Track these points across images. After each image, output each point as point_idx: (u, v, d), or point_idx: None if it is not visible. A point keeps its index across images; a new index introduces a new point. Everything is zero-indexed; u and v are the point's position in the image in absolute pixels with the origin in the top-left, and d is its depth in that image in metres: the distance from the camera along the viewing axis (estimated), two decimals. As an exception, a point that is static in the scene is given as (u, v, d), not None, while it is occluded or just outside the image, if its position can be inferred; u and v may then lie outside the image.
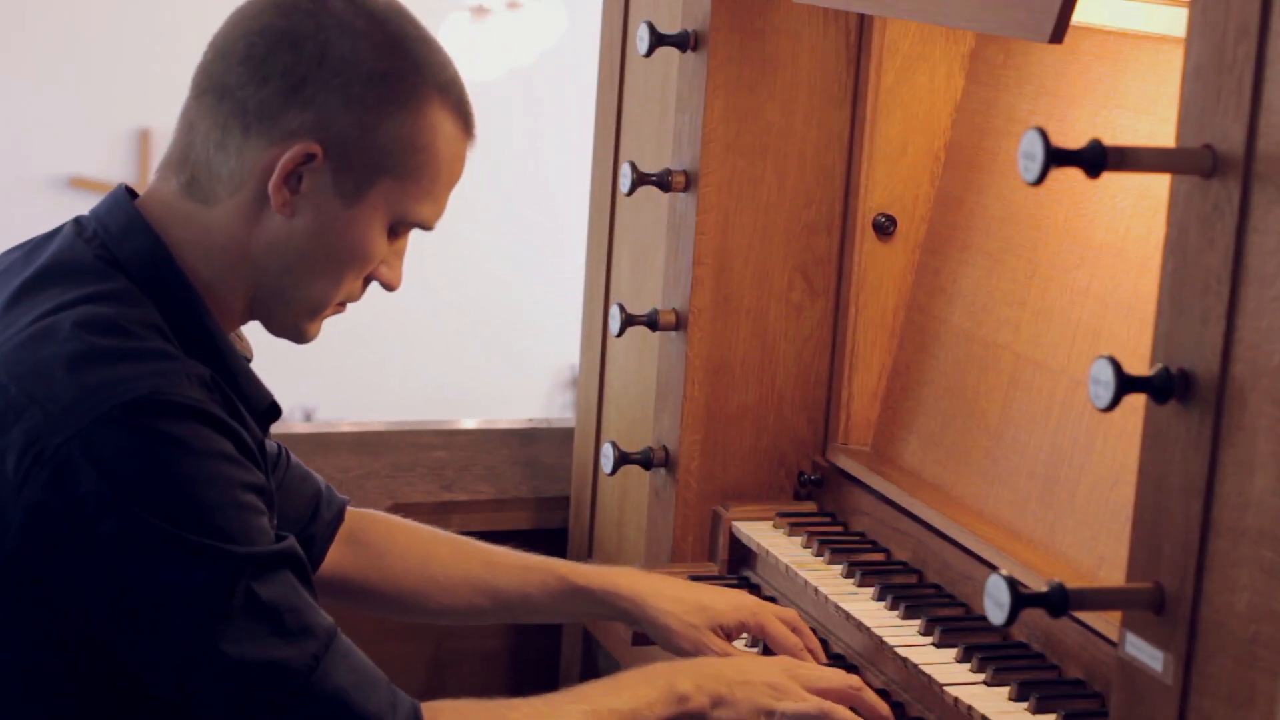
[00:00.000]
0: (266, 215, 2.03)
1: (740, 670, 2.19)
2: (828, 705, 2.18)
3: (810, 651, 2.41)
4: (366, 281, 2.11)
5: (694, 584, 2.50)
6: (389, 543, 2.46)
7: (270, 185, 2.01)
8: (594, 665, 3.22)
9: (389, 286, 2.13)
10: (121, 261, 2.01)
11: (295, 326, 2.11)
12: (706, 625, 2.37)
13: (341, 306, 2.12)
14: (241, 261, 2.05)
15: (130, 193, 2.08)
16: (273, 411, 2.11)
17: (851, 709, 2.20)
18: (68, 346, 1.91)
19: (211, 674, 1.91)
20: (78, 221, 2.08)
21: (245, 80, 2.01)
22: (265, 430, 2.11)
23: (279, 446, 2.35)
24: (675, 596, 2.40)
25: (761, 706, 2.15)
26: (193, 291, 2.02)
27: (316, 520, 2.41)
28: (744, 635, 2.44)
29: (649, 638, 2.43)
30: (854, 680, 2.23)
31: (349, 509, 2.48)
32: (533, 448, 3.40)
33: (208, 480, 1.90)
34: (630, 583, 2.42)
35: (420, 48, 2.05)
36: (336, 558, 2.44)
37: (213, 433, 1.91)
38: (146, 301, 1.99)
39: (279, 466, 2.34)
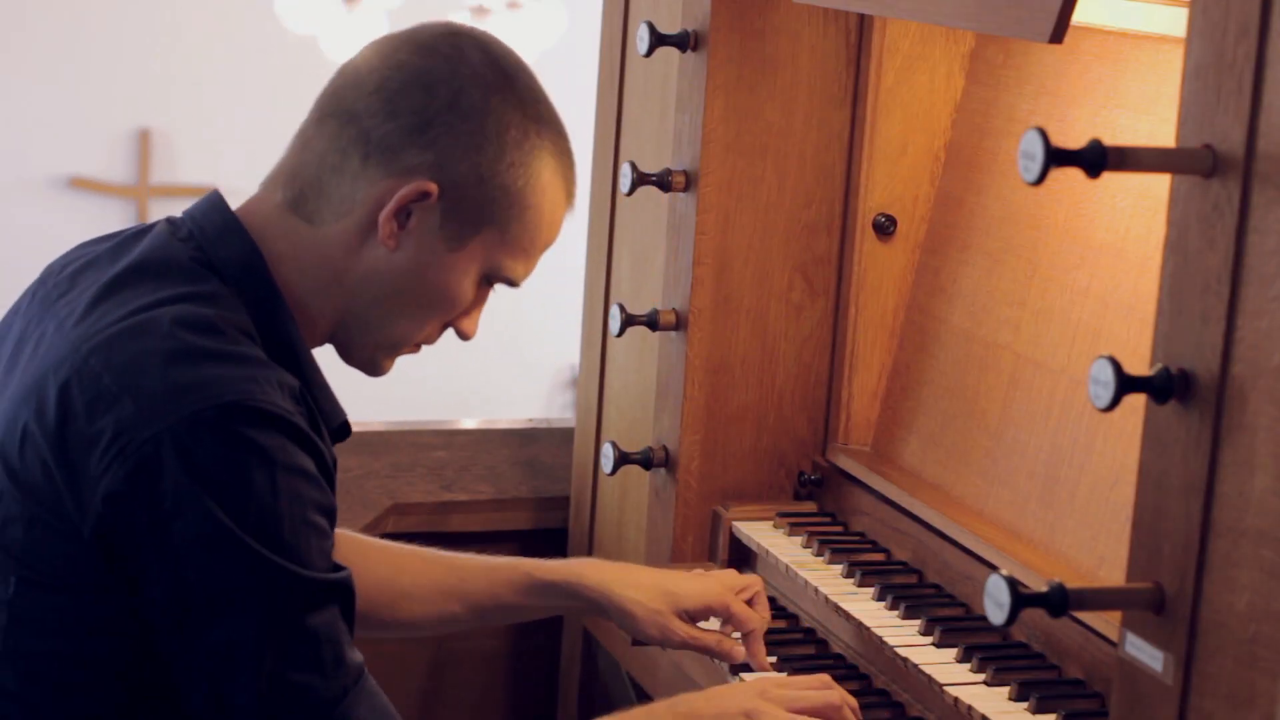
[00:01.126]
0: (370, 245, 2.05)
1: (715, 705, 2.18)
2: None
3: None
4: (444, 327, 2.14)
5: (660, 570, 2.51)
6: (358, 559, 2.46)
7: (381, 215, 2.03)
8: (594, 665, 3.22)
9: (464, 336, 2.17)
10: (216, 264, 2.03)
11: (373, 359, 2.15)
12: (671, 610, 2.38)
13: (417, 348, 2.16)
14: (336, 284, 2.07)
15: (222, 198, 2.11)
16: (343, 431, 2.13)
17: None
18: (165, 343, 1.92)
19: (244, 687, 1.91)
20: (171, 221, 2.09)
21: (374, 111, 2.04)
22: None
23: None
24: (639, 583, 2.41)
25: None
26: (283, 303, 2.05)
27: None
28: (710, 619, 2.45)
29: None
30: (833, 698, 2.21)
31: None
32: (533, 448, 3.40)
33: (287, 495, 1.90)
34: (595, 573, 2.43)
35: (544, 110, 2.11)
36: None
37: (297, 448, 1.93)
38: (238, 305, 2.01)
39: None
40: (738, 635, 2.40)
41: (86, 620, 1.93)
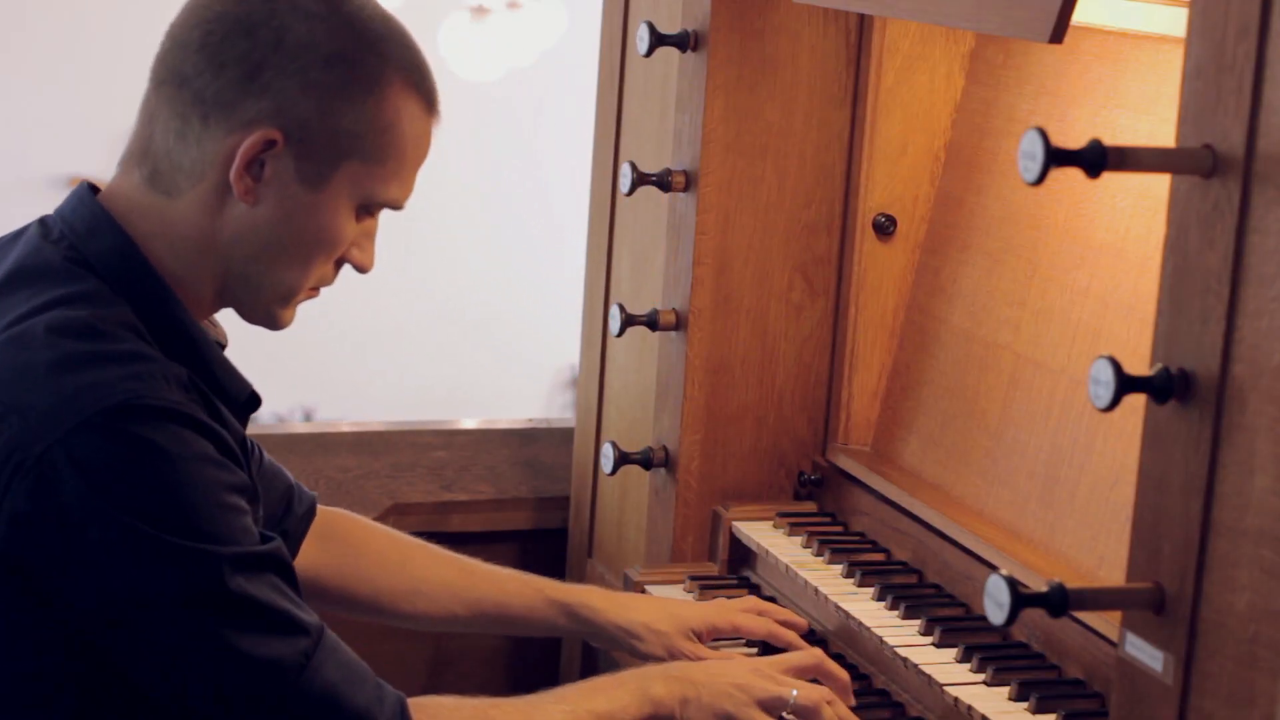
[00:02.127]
0: (230, 204, 2.01)
1: (709, 672, 2.22)
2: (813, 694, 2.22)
3: (786, 625, 2.46)
4: (338, 265, 2.09)
5: (664, 599, 2.54)
6: (366, 544, 2.46)
7: (231, 173, 1.99)
8: (594, 666, 3.21)
9: (361, 268, 2.12)
10: (90, 261, 2.00)
11: (268, 313, 2.10)
12: (677, 630, 2.41)
13: (315, 291, 2.11)
14: (208, 251, 2.03)
15: (93, 189, 2.07)
16: (253, 401, 2.10)
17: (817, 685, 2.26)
18: (43, 353, 1.90)
19: (203, 675, 1.91)
20: (42, 222, 2.07)
21: (202, 68, 2.00)
22: (245, 421, 2.11)
23: (251, 442, 2.31)
24: (646, 610, 2.44)
25: (726, 710, 2.18)
26: (163, 286, 2.01)
27: (289, 516, 2.40)
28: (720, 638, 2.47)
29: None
30: (816, 652, 2.30)
31: (320, 507, 2.47)
32: (533, 448, 3.40)
33: (190, 484, 1.89)
34: (604, 601, 2.46)
35: (379, 28, 2.04)
36: (311, 555, 2.44)
37: (193, 435, 1.91)
38: (119, 300, 1.98)
39: (252, 462, 2.34)
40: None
41: (8, 637, 1.91)
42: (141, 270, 2.01)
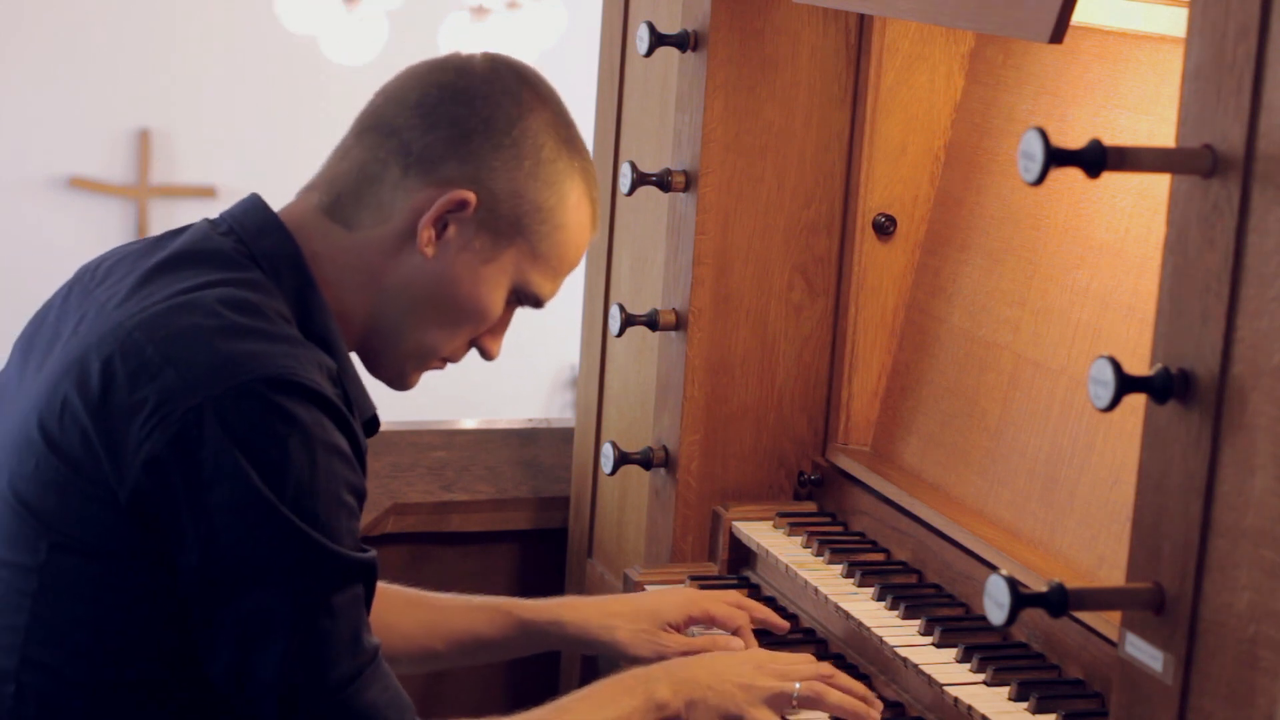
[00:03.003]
0: (407, 252, 2.10)
1: (713, 672, 2.24)
2: (817, 688, 2.23)
3: (764, 622, 2.48)
4: (471, 343, 2.18)
5: (632, 595, 2.55)
6: None
7: (421, 222, 2.08)
8: (594, 665, 3.22)
9: (488, 356, 2.21)
10: (257, 256, 2.07)
11: (401, 370, 2.18)
12: (656, 626, 2.43)
13: (443, 363, 2.19)
14: (371, 288, 2.11)
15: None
16: (372, 424, 2.15)
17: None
18: (210, 319, 1.96)
19: (269, 658, 1.94)
20: (209, 220, 2.14)
21: (414, 124, 2.09)
22: None
23: None
24: (618, 612, 2.45)
25: (731, 709, 2.21)
26: (320, 296, 2.08)
27: None
28: (695, 627, 2.48)
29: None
30: (824, 668, 2.28)
31: None
32: (533, 448, 3.40)
33: (322, 471, 1.94)
34: (574, 614, 2.46)
35: (574, 135, 2.16)
36: None
37: (333, 425, 1.96)
38: (278, 294, 2.05)
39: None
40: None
41: (117, 588, 1.96)
42: (303, 276, 2.08)
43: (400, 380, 2.19)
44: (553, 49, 7.32)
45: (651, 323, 2.79)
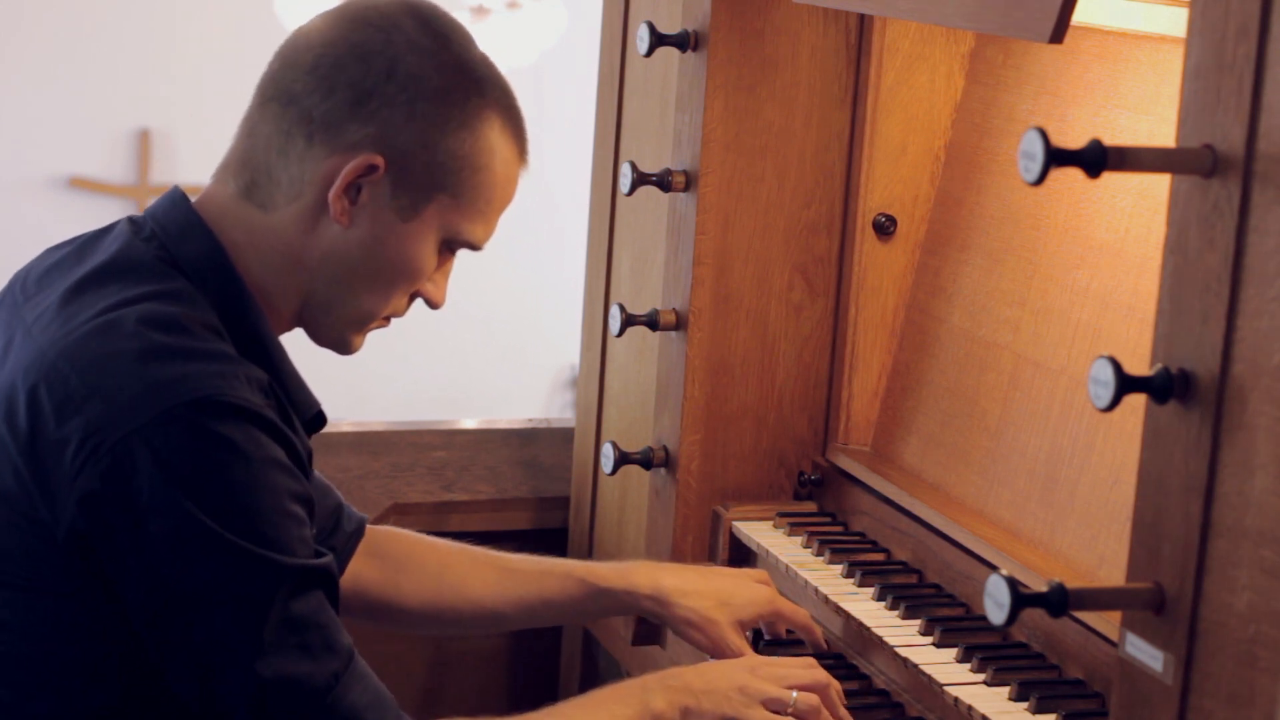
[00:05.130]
0: (324, 224, 2.06)
1: (708, 679, 2.21)
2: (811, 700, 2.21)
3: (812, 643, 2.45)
4: (412, 298, 2.14)
5: (711, 572, 2.52)
6: (410, 558, 2.47)
7: (331, 194, 2.03)
8: (594, 665, 3.22)
9: (433, 304, 2.16)
10: (180, 262, 2.03)
11: (341, 337, 2.14)
12: (729, 622, 2.41)
13: (386, 321, 2.15)
14: (296, 268, 2.07)
15: (184, 194, 2.11)
16: (318, 420, 2.13)
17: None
18: (132, 342, 1.92)
19: (235, 680, 1.92)
20: (133, 221, 2.10)
21: (312, 89, 2.04)
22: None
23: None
24: (696, 591, 2.42)
25: (729, 713, 2.19)
26: (248, 294, 2.05)
27: (338, 533, 2.41)
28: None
29: (663, 632, 2.45)
30: (821, 677, 2.25)
31: (369, 525, 2.49)
32: (533, 448, 3.40)
33: (261, 486, 1.91)
34: (650, 580, 2.44)
35: (484, 70, 2.10)
36: (358, 572, 2.45)
37: (268, 439, 1.93)
38: (204, 303, 2.01)
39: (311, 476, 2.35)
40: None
41: (66, 623, 1.93)
42: (228, 277, 2.04)
43: (344, 347, 2.15)
44: (553, 49, 7.33)
45: (651, 323, 2.79)
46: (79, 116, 8.56)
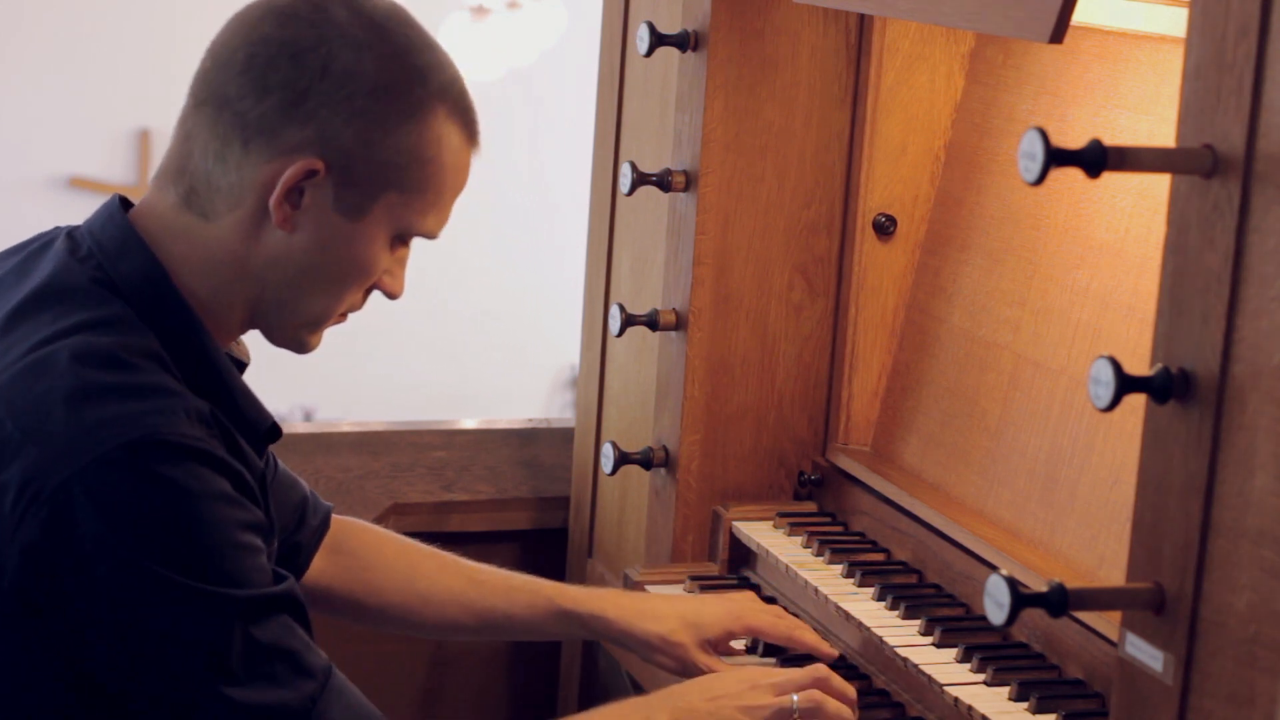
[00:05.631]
0: (266, 230, 1.98)
1: (711, 696, 2.18)
2: (815, 696, 2.20)
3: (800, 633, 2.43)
4: (368, 291, 2.08)
5: (678, 597, 2.50)
6: (375, 555, 2.45)
7: (271, 201, 1.96)
8: (594, 665, 3.22)
9: (391, 295, 2.10)
10: (118, 283, 1.96)
11: (296, 338, 2.08)
12: (694, 642, 2.39)
13: (343, 317, 2.10)
14: (241, 277, 2.01)
15: (124, 204, 2.04)
16: (273, 433, 2.08)
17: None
18: (65, 381, 1.86)
19: (210, 718, 1.88)
20: (71, 237, 2.03)
21: (245, 92, 1.96)
22: (263, 451, 2.08)
23: (268, 455, 2.27)
24: (659, 615, 2.40)
25: None
26: (191, 314, 1.98)
27: (303, 528, 2.38)
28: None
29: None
30: (820, 671, 2.24)
31: (334, 517, 2.46)
32: (533, 448, 3.40)
33: (207, 524, 1.86)
34: (616, 608, 2.42)
35: (424, 57, 2.01)
36: (321, 567, 2.42)
37: (212, 473, 1.88)
38: (144, 327, 1.94)
39: (269, 476, 2.29)
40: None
41: (16, 668, 1.88)
42: (169, 297, 1.98)
43: (299, 346, 2.09)
44: (553, 49, 7.33)
45: (651, 323, 2.79)
46: (79, 116, 8.57)
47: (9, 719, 1.91)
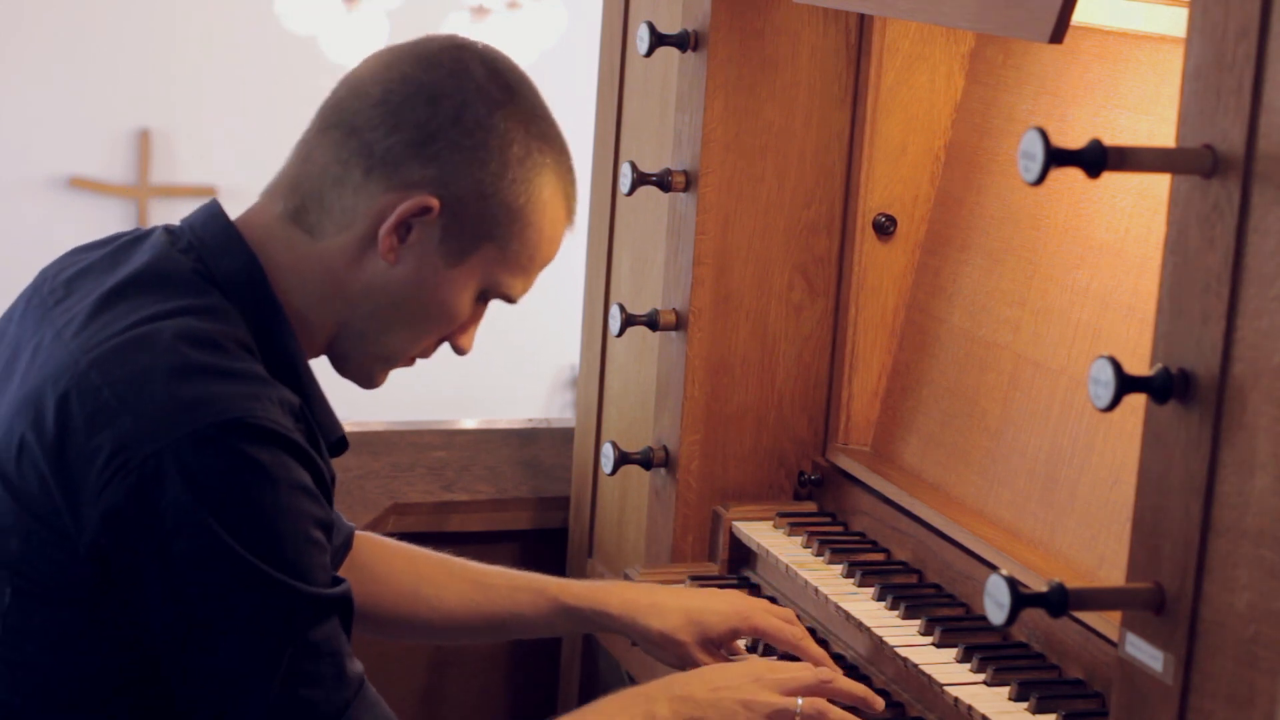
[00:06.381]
0: (369, 258, 2.05)
1: (713, 688, 2.18)
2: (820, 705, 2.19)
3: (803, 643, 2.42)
4: (441, 340, 2.14)
5: (686, 592, 2.49)
6: (383, 566, 2.46)
7: (382, 229, 2.02)
8: (594, 665, 3.22)
9: (460, 351, 2.18)
10: (217, 277, 2.02)
11: (368, 371, 2.14)
12: (696, 640, 2.38)
13: (412, 361, 2.16)
14: (335, 297, 2.06)
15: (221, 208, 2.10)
16: (340, 444, 2.12)
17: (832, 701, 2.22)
18: (167, 358, 1.90)
19: (250, 705, 1.91)
20: (169, 230, 2.08)
21: (376, 124, 2.03)
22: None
23: None
24: (664, 610, 2.40)
25: None
26: (283, 316, 2.04)
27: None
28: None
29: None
30: (824, 673, 2.24)
31: None
32: (533, 448, 3.40)
33: (287, 512, 1.90)
34: (620, 602, 2.42)
35: (547, 127, 2.10)
36: None
37: (296, 464, 1.92)
38: (238, 319, 1.99)
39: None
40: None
41: (81, 634, 1.92)
42: (265, 296, 2.03)
43: (368, 381, 2.16)
44: (553, 49, 7.33)
45: (651, 323, 2.79)
46: (79, 116, 8.57)
47: (64, 682, 1.93)
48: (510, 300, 2.14)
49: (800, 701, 2.18)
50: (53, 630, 1.93)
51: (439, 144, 2.03)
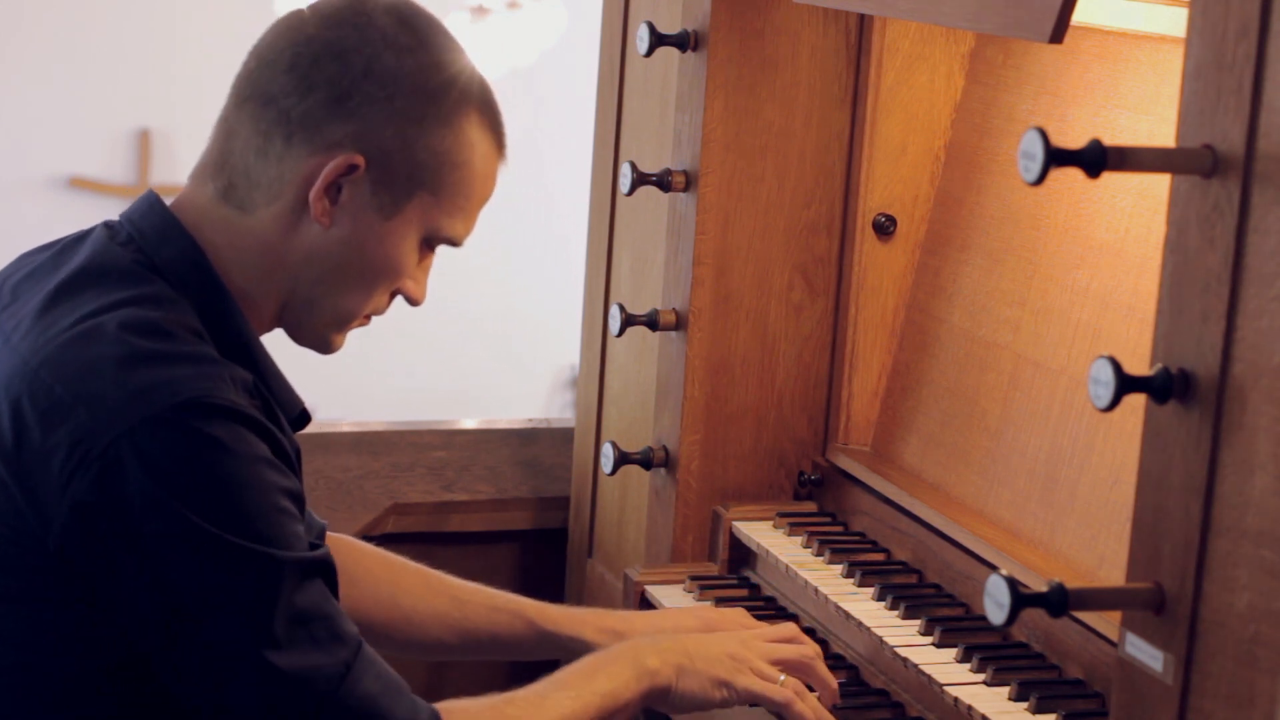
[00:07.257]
0: (304, 224, 2.04)
1: (700, 642, 2.24)
2: (782, 694, 2.20)
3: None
4: (393, 295, 2.13)
5: (658, 615, 2.50)
6: (360, 571, 2.45)
7: (311, 194, 2.02)
8: (594, 665, 3.21)
9: (414, 301, 2.15)
10: (159, 265, 2.02)
11: (323, 337, 2.13)
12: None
13: (367, 319, 2.14)
14: (276, 269, 2.06)
15: (159, 198, 2.09)
16: (302, 419, 2.12)
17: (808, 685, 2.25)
18: (114, 348, 1.91)
19: (247, 679, 1.91)
20: (109, 225, 2.08)
21: (290, 89, 2.02)
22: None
23: None
24: (641, 632, 2.39)
25: (720, 677, 2.19)
26: (228, 296, 2.04)
27: None
28: None
29: None
30: (808, 650, 2.26)
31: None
32: (533, 448, 3.40)
33: (252, 484, 1.90)
34: (596, 632, 2.42)
35: (460, 65, 2.08)
36: None
37: (255, 437, 1.92)
38: (185, 305, 2.00)
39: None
40: None
41: (59, 636, 1.92)
42: (208, 279, 2.03)
43: (324, 346, 2.14)
44: (553, 49, 7.33)
45: (651, 323, 2.79)
46: (79, 116, 8.57)
47: (46, 683, 1.93)
48: (455, 243, 2.12)
49: (783, 677, 2.22)
50: (23, 631, 1.92)
51: (354, 100, 2.01)
